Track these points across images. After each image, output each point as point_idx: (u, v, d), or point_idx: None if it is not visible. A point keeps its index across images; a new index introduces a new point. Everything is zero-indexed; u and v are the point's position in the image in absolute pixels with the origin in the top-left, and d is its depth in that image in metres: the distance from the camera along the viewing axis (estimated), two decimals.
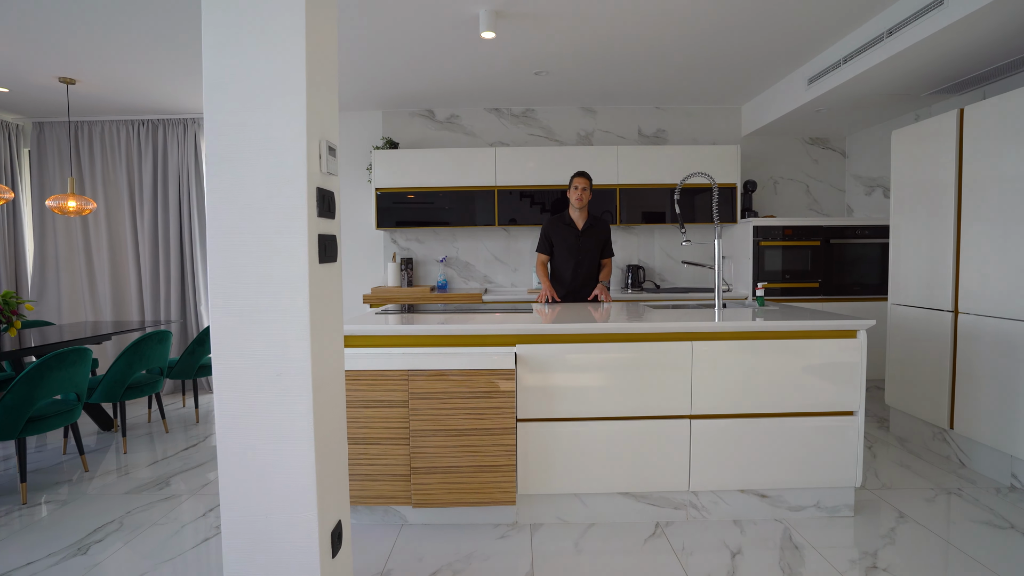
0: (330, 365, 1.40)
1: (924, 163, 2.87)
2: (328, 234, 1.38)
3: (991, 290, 2.50)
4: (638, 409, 2.10)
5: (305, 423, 1.29)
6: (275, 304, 1.27)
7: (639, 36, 3.00)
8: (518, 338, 2.10)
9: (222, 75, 1.24)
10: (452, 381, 2.00)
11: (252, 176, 1.25)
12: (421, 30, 2.87)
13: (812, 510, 2.18)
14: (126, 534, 2.10)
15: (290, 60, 1.23)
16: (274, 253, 1.26)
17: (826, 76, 3.21)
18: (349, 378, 2.01)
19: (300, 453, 1.29)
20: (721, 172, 4.02)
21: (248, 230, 1.26)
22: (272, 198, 1.26)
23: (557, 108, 4.32)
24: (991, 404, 2.49)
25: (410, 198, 4.06)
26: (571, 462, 2.10)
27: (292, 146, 1.25)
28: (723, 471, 2.12)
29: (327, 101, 1.37)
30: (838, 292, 3.89)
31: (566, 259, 3.04)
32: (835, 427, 2.13)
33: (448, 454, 2.03)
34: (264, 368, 1.28)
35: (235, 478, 1.30)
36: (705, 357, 2.09)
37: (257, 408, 1.29)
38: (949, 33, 2.42)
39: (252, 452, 1.29)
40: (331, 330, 1.41)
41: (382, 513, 2.19)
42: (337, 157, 1.43)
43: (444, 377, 2.00)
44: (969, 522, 2.12)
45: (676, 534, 2.07)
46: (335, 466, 1.42)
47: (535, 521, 2.17)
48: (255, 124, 1.25)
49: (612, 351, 2.09)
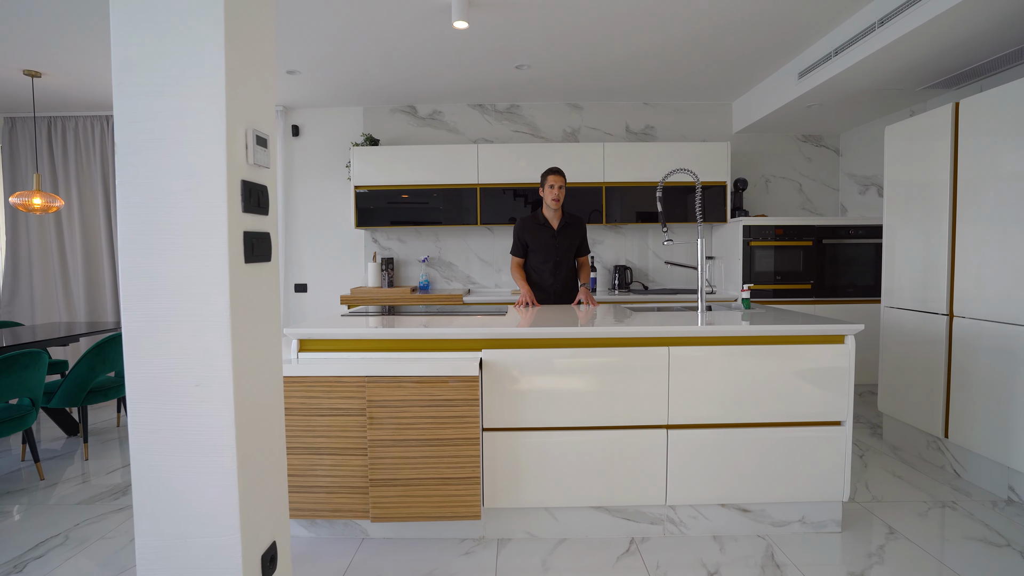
0: (261, 373, 1.28)
1: (918, 160, 2.75)
2: (258, 231, 1.27)
3: (987, 293, 2.37)
4: (612, 418, 1.98)
5: (227, 436, 1.17)
6: (193, 307, 1.16)
7: (622, 27, 2.89)
8: (484, 343, 1.98)
9: (132, 56, 1.12)
10: (412, 388, 1.89)
11: (167, 168, 1.14)
12: (392, 21, 2.76)
13: (797, 525, 2.06)
14: (70, 549, 1.99)
15: (205, 39, 1.11)
16: (191, 252, 1.15)
17: (817, 69, 3.09)
18: (304, 385, 1.90)
19: (221, 469, 1.17)
20: (711, 170, 3.90)
21: (163, 227, 1.14)
22: (189, 192, 1.14)
23: (542, 104, 4.21)
24: (987, 412, 2.37)
25: (390, 196, 3.95)
26: (541, 474, 1.98)
27: (210, 136, 1.13)
28: (702, 484, 2.00)
29: (257, 86, 1.26)
30: (831, 294, 3.77)
31: (544, 261, 2.90)
32: (821, 438, 2.01)
33: (408, 465, 1.91)
34: (182, 377, 1.17)
35: (150, 498, 1.18)
36: (683, 363, 1.97)
37: (174, 421, 1.17)
38: (942, 22, 2.30)
39: (169, 469, 1.18)
40: (264, 334, 1.29)
41: (342, 527, 2.08)
42: (271, 148, 1.31)
43: (403, 384, 1.89)
44: (963, 539, 2.00)
45: (651, 551, 1.95)
46: (268, 482, 1.30)
47: (503, 536, 2.05)
48: (170, 111, 1.13)
49: (584, 357, 1.97)
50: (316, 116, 4.26)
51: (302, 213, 4.31)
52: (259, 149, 1.26)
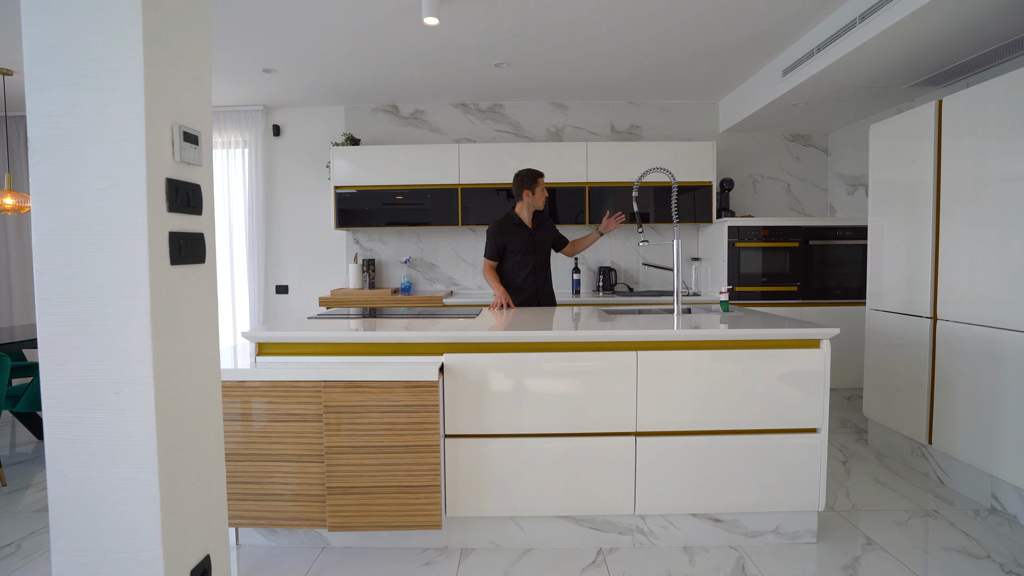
0: (191, 379, 1.22)
1: (902, 159, 2.69)
2: (188, 232, 1.21)
3: (971, 296, 2.31)
4: (579, 425, 1.92)
5: (147, 446, 1.11)
6: (112, 311, 1.10)
7: (601, 23, 2.83)
8: (446, 347, 1.92)
9: (45, 46, 1.06)
10: (370, 394, 1.83)
11: (84, 165, 1.08)
12: (363, 18, 2.70)
13: (771, 536, 2.00)
14: (19, 559, 1.93)
15: (122, 29, 1.06)
16: (110, 253, 1.09)
17: (800, 67, 3.03)
18: (261, 390, 1.84)
19: (142, 481, 1.12)
20: (697, 170, 3.83)
21: (80, 227, 1.09)
22: (107, 190, 1.08)
23: (526, 103, 4.15)
24: (970, 419, 2.30)
25: (371, 197, 3.90)
26: (506, 482, 1.92)
27: (129, 132, 1.08)
28: (673, 493, 1.94)
29: (187, 80, 1.20)
30: (819, 296, 3.70)
31: (524, 261, 2.82)
32: (796, 445, 1.94)
33: (366, 473, 1.85)
34: (100, 385, 1.11)
35: (68, 512, 1.13)
36: (651, 369, 1.91)
37: (91, 430, 1.11)
38: (921, 17, 2.24)
39: (87, 481, 1.12)
40: (195, 339, 1.24)
41: (303, 535, 2.02)
42: (204, 145, 1.25)
43: (361, 389, 1.83)
44: (942, 550, 1.93)
45: (619, 562, 1.89)
46: (199, 493, 1.25)
47: (467, 545, 1.99)
48: (87, 105, 1.07)
49: (549, 361, 1.91)
50: (298, 115, 4.21)
51: (284, 213, 4.26)
52: (188, 146, 1.20)
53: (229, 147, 4.20)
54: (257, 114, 4.13)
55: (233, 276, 4.27)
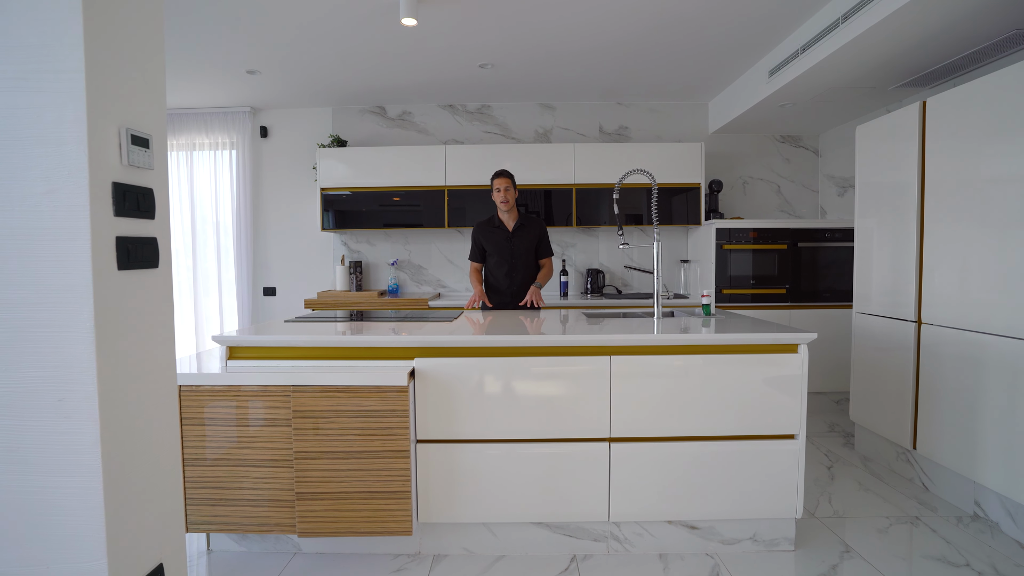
0: (141, 385, 1.20)
1: (887, 161, 2.66)
2: (138, 236, 1.19)
3: (954, 300, 2.28)
4: (552, 430, 1.89)
5: (91, 454, 1.09)
6: (54, 317, 1.08)
7: (585, 23, 2.80)
8: (417, 351, 1.90)
9: None
10: (339, 398, 1.81)
11: (25, 169, 1.06)
12: (342, 18, 2.68)
13: (748, 544, 1.97)
14: None
15: (62, 28, 1.04)
16: (52, 259, 1.07)
17: (786, 67, 3.00)
18: (229, 394, 1.82)
19: (86, 489, 1.10)
20: (685, 171, 3.80)
21: (20, 232, 1.07)
22: (48, 195, 1.06)
23: (514, 104, 4.13)
24: (953, 424, 2.26)
25: (357, 198, 3.88)
26: (479, 488, 1.90)
27: (70, 135, 1.06)
28: (648, 500, 1.91)
29: (136, 81, 1.18)
30: (808, 298, 3.67)
31: (499, 264, 2.84)
32: (773, 451, 1.91)
33: (336, 479, 1.83)
34: (42, 392, 1.09)
35: (10, 521, 1.11)
36: (625, 373, 1.88)
37: (34, 439, 1.09)
38: (904, 15, 2.20)
39: (30, 491, 1.10)
40: (146, 345, 1.22)
41: (274, 541, 2.00)
42: (156, 148, 1.24)
43: (330, 394, 1.81)
44: (921, 558, 1.90)
45: (592, 570, 1.86)
46: (151, 501, 1.23)
47: (439, 552, 1.97)
48: (27, 108, 1.05)
49: (522, 366, 1.88)
50: (285, 117, 4.19)
51: (272, 215, 4.24)
52: (137, 149, 1.18)
53: (216, 148, 4.18)
54: (244, 115, 4.12)
55: (220, 278, 4.25)
